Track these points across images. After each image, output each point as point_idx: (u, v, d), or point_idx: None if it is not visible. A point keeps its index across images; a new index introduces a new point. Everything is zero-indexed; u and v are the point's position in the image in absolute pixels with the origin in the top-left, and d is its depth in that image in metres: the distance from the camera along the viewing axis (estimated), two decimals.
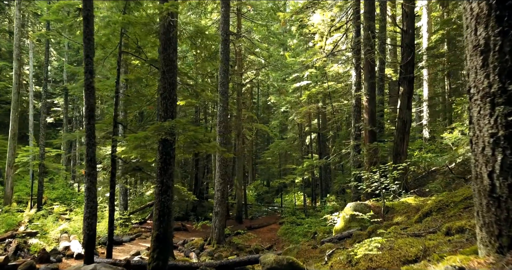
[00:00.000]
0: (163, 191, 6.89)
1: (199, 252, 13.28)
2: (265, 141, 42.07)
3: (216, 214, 14.39)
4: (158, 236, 6.70)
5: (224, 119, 14.63)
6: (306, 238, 16.03)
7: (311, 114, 26.58)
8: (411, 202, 8.37)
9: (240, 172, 21.89)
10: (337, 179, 17.35)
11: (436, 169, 17.87)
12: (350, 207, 8.77)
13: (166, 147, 6.97)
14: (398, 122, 12.63)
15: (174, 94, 7.22)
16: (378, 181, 8.64)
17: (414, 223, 5.75)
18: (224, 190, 14.55)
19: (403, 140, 12.37)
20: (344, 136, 22.10)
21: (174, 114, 7.16)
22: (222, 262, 8.28)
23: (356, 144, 13.14)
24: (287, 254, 7.53)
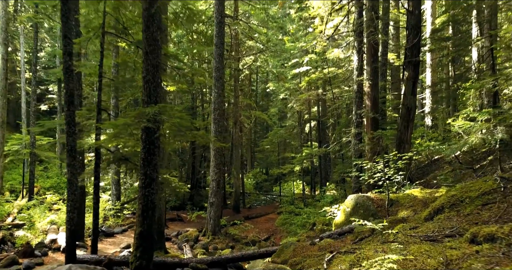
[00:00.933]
0: (146, 184, 6.28)
1: (193, 244, 12.77)
2: (264, 129, 41.44)
3: (212, 204, 13.86)
4: (142, 233, 6.12)
5: (219, 106, 13.95)
6: (304, 229, 15.55)
7: (310, 101, 25.87)
8: (417, 195, 7.78)
9: (237, 161, 21.31)
10: (337, 168, 16.77)
11: (440, 158, 17.30)
12: (352, 199, 8.19)
13: (149, 136, 6.33)
14: (402, 109, 11.97)
15: (158, 77, 6.55)
16: (382, 172, 8.03)
17: (424, 221, 5.15)
18: (220, 180, 13.98)
19: (407, 128, 11.73)
20: (345, 124, 21.44)
21: (159, 99, 6.50)
22: (213, 259, 7.73)
23: (357, 132, 12.50)
24: (283, 251, 6.97)
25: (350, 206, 8.10)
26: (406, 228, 4.63)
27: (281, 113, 35.14)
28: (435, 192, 7.59)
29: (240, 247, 13.60)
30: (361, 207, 7.85)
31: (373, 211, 7.66)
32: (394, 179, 8.60)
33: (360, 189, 12.34)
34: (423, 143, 19.28)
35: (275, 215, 20.14)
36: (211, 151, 13.95)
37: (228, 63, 18.76)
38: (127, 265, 7.78)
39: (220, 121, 13.96)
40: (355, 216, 7.87)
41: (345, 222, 8.04)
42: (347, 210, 8.17)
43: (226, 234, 14.67)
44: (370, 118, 12.10)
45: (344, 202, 8.54)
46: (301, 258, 6.06)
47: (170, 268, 7.71)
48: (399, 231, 4.52)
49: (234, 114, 21.32)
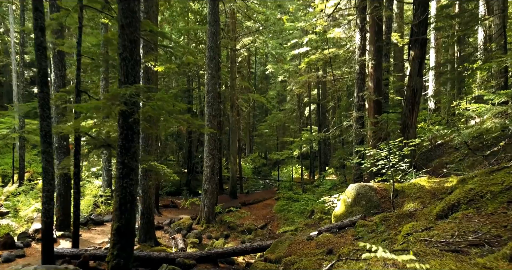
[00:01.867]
0: (124, 174, 5.61)
1: (186, 233, 12.24)
2: (263, 113, 40.62)
3: (206, 191, 13.27)
4: (119, 229, 5.49)
5: (213, 88, 13.18)
6: (302, 216, 15.02)
7: (310, 84, 25.03)
8: (424, 184, 7.13)
9: (234, 146, 20.65)
10: (337, 153, 16.13)
11: (444, 142, 16.65)
12: (353, 189, 7.54)
13: (127, 121, 5.62)
14: (407, 91, 11.21)
15: (136, 54, 5.78)
16: (386, 159, 7.36)
17: (437, 219, 4.50)
18: (214, 166, 13.35)
19: (412, 111, 11.01)
20: (345, 107, 20.69)
21: (138, 79, 5.76)
22: (202, 253, 7.15)
23: (359, 116, 11.78)
24: (277, 246, 6.37)
25: (351, 197, 7.47)
26: (417, 228, 3.98)
27: (280, 96, 34.30)
28: (444, 181, 6.94)
29: (236, 235, 13.08)
30: (363, 198, 7.22)
31: (376, 203, 7.03)
32: (399, 167, 7.96)
33: (361, 176, 11.71)
34: (426, 126, 18.60)
35: (272, 201, 19.62)
36: (205, 136, 13.26)
37: (224, 42, 17.84)
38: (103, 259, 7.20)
39: (214, 104, 13.21)
40: (356, 208, 7.25)
41: (346, 214, 7.43)
42: (347, 201, 7.54)
43: (221, 221, 14.13)
44: (373, 101, 11.36)
45: (345, 191, 7.91)
46: (296, 256, 5.45)
47: (156, 263, 7.15)
48: (409, 233, 3.86)
49: (231, 97, 20.53)
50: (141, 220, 10.24)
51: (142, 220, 10.21)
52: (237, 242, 12.33)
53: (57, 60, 10.92)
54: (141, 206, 10.25)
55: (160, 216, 15.08)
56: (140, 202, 10.31)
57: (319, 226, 12.57)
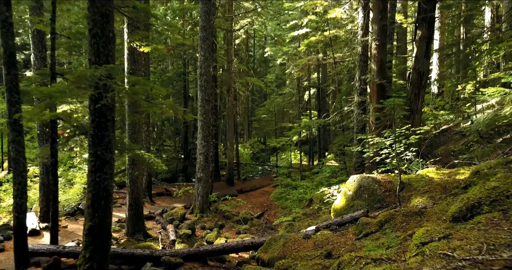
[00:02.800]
0: (97, 167, 4.96)
1: (178, 223, 11.69)
2: (262, 97, 39.78)
3: (199, 180, 12.67)
4: (92, 228, 4.88)
5: (206, 71, 12.41)
6: (301, 205, 14.48)
7: (310, 67, 24.16)
8: (432, 176, 6.49)
9: (231, 131, 19.98)
10: (337, 140, 15.49)
11: (448, 128, 16.00)
12: (354, 181, 6.91)
13: (100, 107, 4.94)
14: (412, 74, 10.49)
15: (109, 30, 5.05)
16: (391, 148, 6.71)
17: (453, 221, 3.86)
18: (208, 154, 12.71)
19: (418, 95, 10.32)
20: (346, 91, 19.91)
21: (111, 59, 5.04)
22: (190, 251, 6.57)
23: (360, 101, 11.08)
24: (271, 245, 5.77)
25: (352, 189, 6.85)
26: (432, 235, 3.34)
27: (279, 80, 33.43)
28: (455, 173, 6.30)
29: (231, 225, 12.56)
30: (365, 191, 6.60)
31: (380, 197, 6.41)
32: (404, 157, 7.32)
33: (363, 165, 11.09)
34: (429, 111, 17.86)
35: (270, 188, 19.09)
36: (198, 122, 12.58)
37: (219, 22, 16.93)
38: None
39: (208, 88, 12.47)
40: (358, 201, 6.64)
41: (346, 208, 6.82)
42: (348, 194, 6.92)
43: (216, 210, 13.60)
44: (376, 85, 10.64)
45: (346, 183, 7.28)
46: (291, 260, 4.85)
47: (140, 261, 6.59)
48: (423, 242, 3.23)
49: (227, 80, 19.74)
50: (128, 211, 9.68)
51: (130, 211, 9.64)
52: (232, 233, 11.82)
53: (37, 40, 10.12)
54: (128, 197, 9.67)
55: (153, 205, 14.54)
56: (127, 193, 9.72)
57: (318, 216, 12.04)
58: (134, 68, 9.38)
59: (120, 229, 10.04)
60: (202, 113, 12.42)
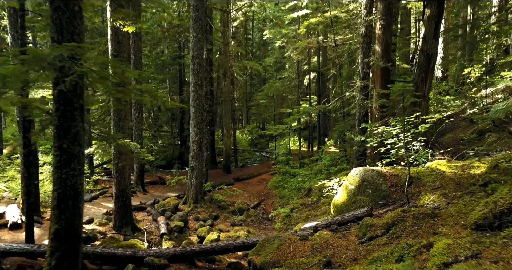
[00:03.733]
0: (64, 162, 4.33)
1: (170, 215, 11.15)
2: (262, 82, 38.86)
3: (193, 169, 12.07)
4: (58, 232, 4.28)
5: (199, 54, 11.64)
6: (299, 194, 13.93)
7: (310, 50, 23.30)
8: (444, 170, 5.86)
9: (228, 117, 19.29)
10: (337, 126, 14.83)
11: (454, 114, 15.35)
12: (357, 174, 6.29)
13: (65, 93, 4.26)
14: (420, 56, 9.75)
15: (75, 3, 4.32)
16: (398, 138, 6.06)
17: (476, 230, 3.24)
18: (202, 141, 12.07)
19: (425, 80, 9.61)
20: (347, 76, 19.15)
21: (78, 38, 4.33)
22: (176, 251, 5.99)
23: (363, 86, 10.35)
24: (264, 247, 5.19)
25: (354, 183, 6.23)
26: (456, 251, 2.73)
27: (278, 64, 32.51)
28: (469, 166, 5.66)
29: (226, 216, 12.03)
30: (369, 186, 5.98)
31: (386, 192, 5.79)
32: (411, 147, 6.68)
33: (365, 154, 10.47)
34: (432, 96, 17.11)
35: (268, 176, 18.54)
36: (191, 107, 11.88)
37: (211, 1, 16.03)
38: None
39: (200, 72, 11.73)
40: (360, 197, 6.02)
41: (348, 204, 6.22)
42: (350, 188, 6.30)
43: (211, 200, 13.05)
44: (380, 68, 9.91)
45: (347, 176, 6.65)
46: (286, 267, 4.25)
47: (122, 261, 6.03)
48: (446, 262, 2.61)
49: (224, 64, 18.93)
50: (115, 204, 9.10)
51: (117, 204, 9.06)
52: (227, 224, 11.30)
53: (13, 20, 9.33)
54: (115, 189, 9.07)
55: (146, 194, 13.99)
56: (113, 184, 9.12)
57: (317, 206, 11.48)
58: (119, 50, 8.63)
59: (107, 222, 9.49)
60: (195, 99, 11.72)
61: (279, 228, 10.53)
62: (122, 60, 8.57)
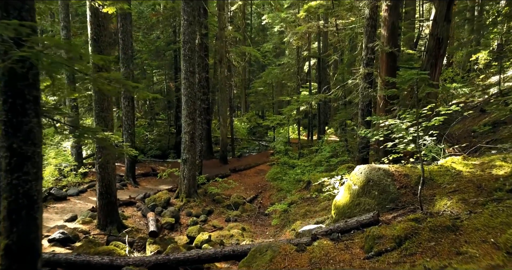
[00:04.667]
0: (14, 165, 3.64)
1: (161, 210, 10.53)
2: (261, 68, 37.91)
3: (185, 161, 11.40)
4: (9, 248, 3.62)
5: (190, 38, 10.83)
6: (297, 186, 13.27)
7: (310, 36, 22.36)
8: (460, 169, 5.17)
9: (224, 106, 18.52)
10: (338, 115, 14.11)
11: (460, 102, 14.63)
12: (361, 173, 5.60)
13: (14, 82, 3.55)
14: (429, 41, 8.96)
15: None
16: (407, 132, 5.35)
17: None
18: (194, 132, 11.36)
19: (435, 66, 8.84)
20: (348, 62, 18.31)
21: (28, 15, 3.59)
22: (158, 259, 5.35)
23: (367, 73, 9.59)
24: (256, 259, 4.54)
25: (358, 183, 5.55)
26: None
27: (277, 50, 31.54)
28: (489, 165, 4.97)
29: (220, 211, 11.42)
30: (375, 187, 5.30)
31: (394, 195, 5.11)
32: (422, 142, 5.97)
33: (368, 146, 9.78)
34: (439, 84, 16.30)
35: (266, 167, 17.90)
36: (182, 96, 11.14)
37: None
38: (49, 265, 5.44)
39: (192, 57, 10.94)
40: (365, 199, 5.35)
41: (351, 206, 5.55)
42: (353, 188, 5.63)
43: (205, 193, 12.43)
44: (386, 54, 9.12)
45: (350, 175, 5.97)
46: None
47: (98, 269, 5.40)
48: None
49: (219, 50, 18.06)
50: (99, 201, 8.45)
51: (101, 201, 8.42)
52: (221, 220, 10.69)
53: None
54: (98, 185, 8.41)
55: (137, 187, 13.36)
56: (97, 180, 8.45)
57: (316, 201, 10.84)
58: (99, 33, 7.84)
59: (91, 220, 8.85)
60: (187, 87, 10.97)
61: (276, 225, 9.93)
62: (103, 45, 7.81)
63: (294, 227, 8.49)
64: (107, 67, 7.95)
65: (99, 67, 7.90)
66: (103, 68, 7.35)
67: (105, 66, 7.38)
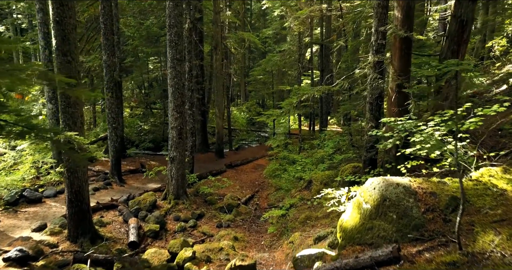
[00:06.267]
0: None
1: (146, 214, 9.47)
2: (262, 56, 36.47)
3: (172, 160, 10.30)
4: None
5: (176, 22, 9.59)
6: (297, 185, 12.18)
7: (312, 20, 20.95)
8: (503, 187, 4.04)
9: (219, 96, 17.32)
10: (342, 107, 12.90)
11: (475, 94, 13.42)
12: (374, 189, 4.47)
13: None
14: (451, 24, 7.70)
15: None
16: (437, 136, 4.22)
17: None
18: (182, 128, 10.22)
19: (457, 53, 7.62)
20: (353, 48, 16.99)
21: None
22: None
23: (377, 61, 8.35)
24: None
25: (371, 201, 4.42)
26: None
27: (278, 36, 30.08)
28: None
29: (212, 214, 10.37)
30: (392, 208, 4.18)
31: (418, 220, 3.99)
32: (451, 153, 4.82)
33: (373, 147, 8.62)
34: None
35: (264, 161, 16.83)
36: (169, 87, 9.96)
37: None
38: None
39: (179, 43, 9.71)
40: (379, 222, 4.25)
41: (361, 230, 4.44)
42: (364, 207, 4.51)
43: (197, 193, 11.37)
44: (400, 39, 7.86)
45: (360, 189, 4.83)
46: None
47: None
48: None
49: (215, 35, 16.76)
50: (68, 209, 7.37)
51: (71, 209, 7.34)
52: (212, 225, 9.66)
53: None
54: (67, 191, 7.32)
55: (123, 186, 12.28)
56: (65, 186, 7.36)
57: (318, 203, 9.76)
58: (62, 14, 6.63)
59: (61, 230, 7.79)
60: (173, 76, 9.78)
61: (272, 233, 8.86)
62: (67, 28, 6.61)
63: (292, 240, 7.43)
64: (73, 56, 6.78)
65: (64, 54, 6.74)
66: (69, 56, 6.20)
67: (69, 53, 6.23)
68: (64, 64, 6.79)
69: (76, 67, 6.96)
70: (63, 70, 6.78)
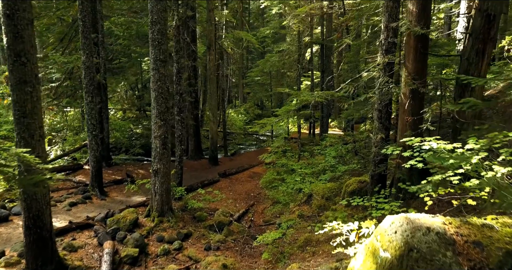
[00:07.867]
0: None
1: (124, 235, 8.37)
2: (260, 56, 35.38)
3: (156, 173, 9.20)
4: None
5: (159, 18, 8.50)
6: (296, 198, 11.06)
7: (313, 19, 19.87)
8: None
9: (213, 99, 16.21)
10: (345, 113, 11.83)
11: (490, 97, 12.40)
12: (396, 233, 3.36)
13: None
14: (475, 19, 6.62)
15: None
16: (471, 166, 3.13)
17: None
18: (166, 137, 9.12)
19: (483, 54, 6.54)
20: (357, 47, 15.86)
21: None
22: None
23: (388, 62, 7.27)
24: None
25: (391, 249, 3.31)
26: None
27: (276, 35, 28.99)
28: None
29: (200, 233, 9.24)
30: (422, 263, 3.08)
31: None
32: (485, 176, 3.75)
33: (386, 159, 7.53)
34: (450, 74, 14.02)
35: (261, 169, 15.72)
36: (151, 92, 8.86)
37: None
38: None
39: (162, 43, 8.61)
40: None
41: None
42: (383, 257, 3.40)
43: (185, 208, 10.26)
44: (415, 37, 6.77)
45: (376, 230, 3.71)
46: None
47: None
48: None
49: (208, 34, 15.66)
50: (26, 237, 6.27)
51: (29, 237, 6.23)
52: (199, 248, 8.56)
53: None
54: (24, 216, 6.22)
55: (104, 200, 11.17)
56: (22, 209, 6.26)
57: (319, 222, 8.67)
58: (14, 7, 5.54)
59: (19, 260, 6.69)
60: (156, 80, 8.68)
61: (267, 259, 7.75)
62: (21, 24, 5.51)
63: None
64: (28, 56, 5.69)
65: (17, 54, 5.65)
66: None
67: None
68: (17, 66, 5.70)
69: (32, 70, 5.86)
70: (16, 73, 5.70)
